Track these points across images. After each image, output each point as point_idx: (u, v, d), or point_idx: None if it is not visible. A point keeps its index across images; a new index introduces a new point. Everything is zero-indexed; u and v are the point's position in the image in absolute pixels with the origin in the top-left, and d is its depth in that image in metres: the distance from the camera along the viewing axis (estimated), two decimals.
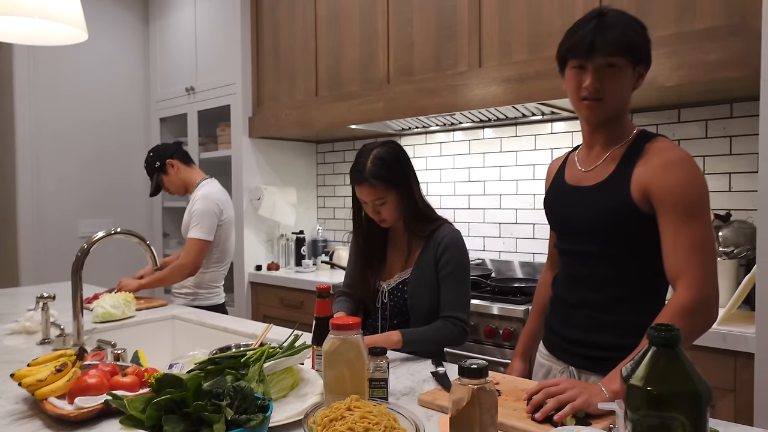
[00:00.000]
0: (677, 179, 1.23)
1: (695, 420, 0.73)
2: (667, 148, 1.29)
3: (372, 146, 1.71)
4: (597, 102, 1.29)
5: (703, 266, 1.20)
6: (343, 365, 1.10)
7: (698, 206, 1.22)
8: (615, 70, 1.27)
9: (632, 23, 1.30)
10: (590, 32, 1.27)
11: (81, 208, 4.09)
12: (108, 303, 2.02)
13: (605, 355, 1.28)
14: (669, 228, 1.23)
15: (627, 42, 1.26)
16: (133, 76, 4.38)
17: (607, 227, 1.32)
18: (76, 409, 1.08)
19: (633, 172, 1.29)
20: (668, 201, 1.23)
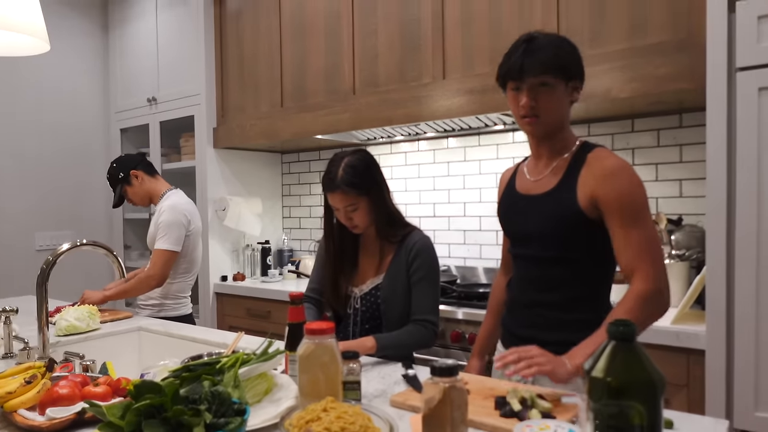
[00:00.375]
0: (620, 186, 1.35)
1: (650, 407, 0.78)
2: (606, 157, 1.41)
3: (343, 155, 1.75)
4: (534, 118, 1.41)
5: (654, 261, 1.34)
6: (318, 369, 1.12)
7: (641, 208, 1.36)
8: (547, 88, 1.38)
9: (561, 43, 1.42)
10: (521, 56, 1.39)
11: (38, 220, 3.98)
12: (72, 316, 1.99)
13: (557, 350, 1.35)
14: (619, 230, 1.35)
15: (556, 61, 1.38)
16: (93, 86, 4.31)
17: (556, 233, 1.43)
18: (48, 420, 1.08)
19: (578, 181, 1.41)
20: (615, 206, 1.35)
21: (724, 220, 1.80)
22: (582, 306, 1.45)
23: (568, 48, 1.42)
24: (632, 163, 2.58)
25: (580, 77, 1.44)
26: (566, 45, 1.43)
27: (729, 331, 1.79)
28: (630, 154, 2.60)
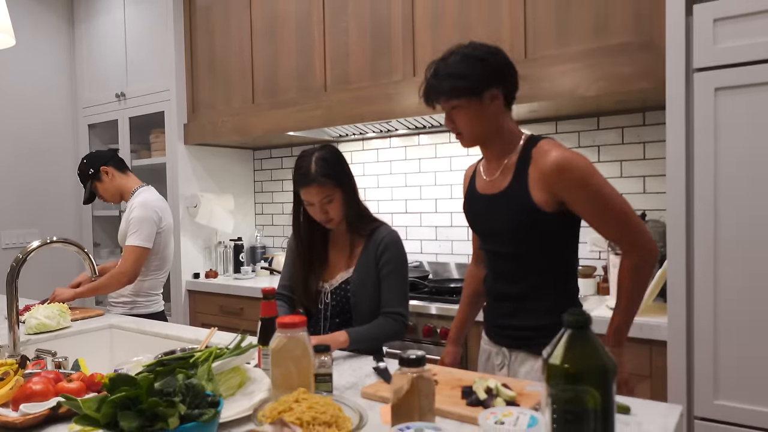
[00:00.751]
0: (574, 176, 1.41)
1: (603, 391, 0.83)
2: (549, 150, 1.46)
3: (311, 150, 1.77)
4: (459, 135, 1.53)
5: (634, 228, 1.44)
6: (290, 362, 1.15)
7: (600, 187, 1.43)
8: (459, 109, 1.47)
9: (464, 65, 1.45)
10: (427, 87, 1.50)
11: (4, 218, 3.91)
12: (42, 314, 1.97)
13: (525, 335, 1.50)
14: (591, 214, 1.44)
15: (457, 86, 1.44)
16: (59, 80, 4.23)
17: (513, 231, 1.52)
18: (22, 416, 1.08)
19: (528, 179, 1.48)
20: (579, 196, 1.43)
21: (683, 215, 1.87)
22: (548, 294, 1.54)
23: (473, 66, 1.45)
24: (597, 159, 2.67)
25: (497, 84, 1.48)
26: (475, 61, 1.46)
27: (689, 323, 1.86)
28: (596, 151, 2.68)
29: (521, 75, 2.30)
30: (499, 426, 0.97)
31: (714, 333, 1.82)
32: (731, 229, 1.78)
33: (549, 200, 1.45)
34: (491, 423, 0.98)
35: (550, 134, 2.78)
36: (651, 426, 1.09)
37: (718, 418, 1.81)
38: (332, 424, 0.98)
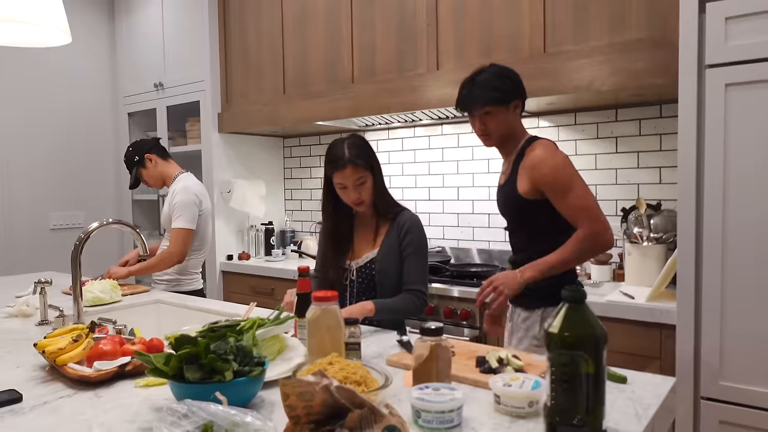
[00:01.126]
0: (546, 171, 1.78)
1: (595, 356, 0.97)
2: (533, 149, 1.83)
3: (341, 139, 1.92)
4: (486, 137, 1.90)
5: (591, 213, 1.77)
6: (324, 331, 1.31)
7: (567, 182, 1.78)
8: (491, 115, 1.84)
9: (495, 79, 1.84)
10: (466, 96, 1.87)
11: (52, 201, 4.17)
12: (96, 288, 2.17)
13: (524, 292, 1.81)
14: (559, 200, 1.79)
15: (492, 96, 1.82)
16: (101, 71, 4.45)
17: (511, 214, 1.95)
18: (96, 371, 1.26)
19: (518, 173, 1.86)
20: (549, 186, 1.79)
21: (693, 205, 1.97)
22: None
23: (505, 80, 1.85)
24: (615, 150, 2.76)
25: (519, 96, 1.88)
26: (503, 78, 1.85)
27: (697, 308, 1.96)
28: (613, 142, 2.77)
29: (540, 68, 2.44)
30: (506, 388, 1.12)
31: (720, 318, 1.91)
32: (739, 219, 1.87)
33: (530, 190, 1.82)
34: (500, 385, 1.13)
35: (569, 125, 2.89)
36: (644, 393, 1.21)
37: (723, 398, 1.92)
38: (361, 383, 1.13)
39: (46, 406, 1.18)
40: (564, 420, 0.98)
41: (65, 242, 4.19)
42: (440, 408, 1.02)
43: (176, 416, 0.83)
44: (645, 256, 2.50)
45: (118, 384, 1.29)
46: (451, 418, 1.03)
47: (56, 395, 1.23)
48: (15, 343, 1.67)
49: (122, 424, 1.07)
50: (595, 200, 1.82)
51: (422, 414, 1.03)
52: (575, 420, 0.97)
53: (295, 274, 3.25)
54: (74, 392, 1.25)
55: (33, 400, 1.21)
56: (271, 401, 1.18)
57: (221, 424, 0.82)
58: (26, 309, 1.98)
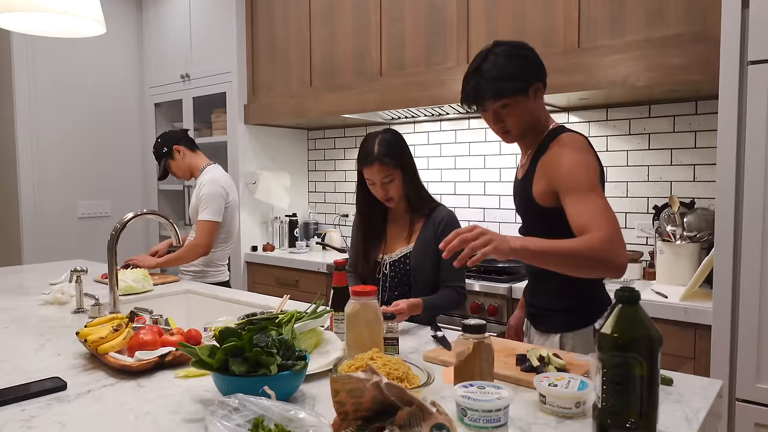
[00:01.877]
0: (564, 170, 1.45)
1: (650, 358, 0.94)
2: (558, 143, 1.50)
3: (375, 134, 1.92)
4: (506, 134, 1.58)
5: (608, 220, 1.38)
6: (363, 326, 1.30)
7: (588, 183, 1.43)
8: (509, 107, 1.51)
9: (507, 63, 1.48)
10: (473, 90, 1.51)
11: (80, 190, 4.22)
12: (129, 278, 2.19)
13: (536, 313, 1.65)
14: (570, 204, 1.43)
15: (506, 87, 1.48)
16: (128, 62, 4.48)
17: (527, 215, 1.66)
18: (137, 361, 1.27)
19: (535, 171, 1.54)
20: (563, 186, 1.46)
21: (732, 204, 1.93)
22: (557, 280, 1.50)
23: (516, 63, 1.50)
24: (648, 147, 2.71)
25: (539, 78, 1.54)
26: (516, 58, 1.50)
27: (734, 308, 1.93)
28: (646, 139, 2.72)
29: (574, 63, 2.40)
30: (552, 388, 1.10)
31: (759, 318, 1.88)
32: None
33: (546, 194, 1.51)
34: (546, 385, 1.11)
35: (600, 121, 2.84)
36: (691, 396, 1.19)
37: (759, 400, 1.89)
38: (403, 380, 1.12)
39: (90, 394, 1.18)
40: (616, 423, 0.96)
41: (92, 231, 4.24)
42: (487, 407, 1.01)
43: (227, 410, 0.83)
44: (678, 255, 2.46)
45: (158, 374, 1.30)
46: (498, 417, 1.02)
47: (99, 384, 1.24)
48: (53, 331, 1.69)
49: (166, 415, 1.08)
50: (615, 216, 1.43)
51: (468, 412, 1.02)
52: (628, 423, 0.95)
53: (319, 266, 3.27)
54: (116, 381, 1.25)
55: (77, 388, 1.22)
56: (312, 395, 1.18)
57: (274, 419, 0.81)
58: (61, 297, 2.00)
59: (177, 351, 1.31)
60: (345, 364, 1.19)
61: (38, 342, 1.58)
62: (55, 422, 1.05)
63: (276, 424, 0.82)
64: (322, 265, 3.27)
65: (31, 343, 1.57)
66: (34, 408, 1.12)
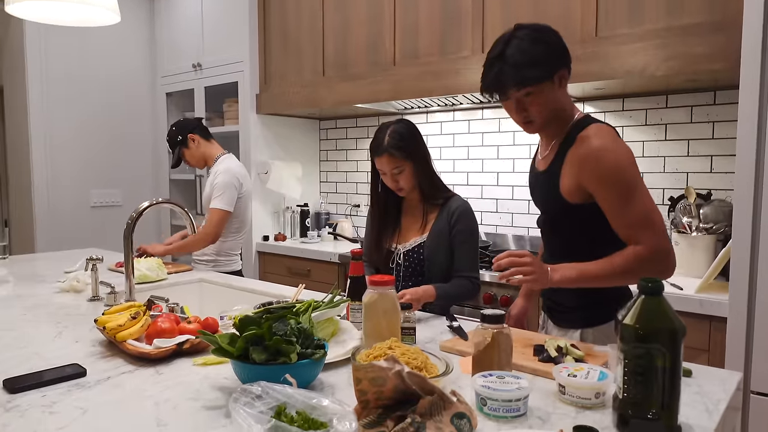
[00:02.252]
0: (604, 169, 1.38)
1: (672, 350, 0.94)
2: (591, 137, 1.42)
3: (389, 124, 1.91)
4: (529, 124, 1.50)
5: (656, 229, 1.37)
6: (381, 316, 1.30)
7: (632, 184, 1.38)
8: (532, 95, 1.43)
9: (531, 48, 1.41)
10: (495, 77, 1.43)
11: (92, 179, 4.24)
12: (144, 266, 2.20)
13: (555, 308, 1.62)
14: (614, 208, 1.40)
15: (530, 74, 1.40)
16: (139, 51, 4.48)
17: (547, 212, 1.62)
18: (156, 349, 1.27)
19: (563, 164, 1.47)
20: (604, 188, 1.40)
21: (751, 196, 1.90)
22: None
23: (543, 48, 1.43)
24: (665, 138, 2.68)
25: (564, 64, 1.47)
26: (540, 44, 1.42)
27: (750, 301, 1.91)
28: (663, 129, 2.69)
29: (592, 52, 2.37)
30: (572, 378, 1.09)
31: None
32: None
33: (574, 190, 1.45)
34: (565, 375, 1.10)
35: (616, 111, 2.81)
36: (711, 388, 1.18)
37: None
38: (422, 369, 1.12)
39: (109, 381, 1.19)
40: (637, 413, 0.96)
41: (104, 220, 4.27)
42: (507, 396, 1.01)
43: (250, 397, 0.83)
44: (693, 247, 2.44)
45: (176, 361, 1.30)
46: (517, 407, 1.02)
47: (118, 371, 1.25)
48: (70, 318, 1.70)
49: (186, 402, 1.08)
50: (661, 216, 1.41)
51: (488, 402, 1.02)
52: (649, 414, 0.95)
53: (331, 256, 3.27)
54: (135, 368, 1.26)
55: (96, 374, 1.22)
56: (330, 384, 1.18)
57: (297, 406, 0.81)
58: (77, 285, 2.02)
59: (195, 339, 1.31)
60: (363, 353, 1.19)
61: (56, 329, 1.59)
62: (77, 408, 1.06)
63: (298, 412, 0.82)
64: (333, 255, 3.27)
65: (49, 331, 1.58)
66: (55, 394, 1.12)
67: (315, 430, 0.76)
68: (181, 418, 1.02)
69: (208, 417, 1.02)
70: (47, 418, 1.02)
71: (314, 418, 0.79)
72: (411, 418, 0.87)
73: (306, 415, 0.78)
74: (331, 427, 0.75)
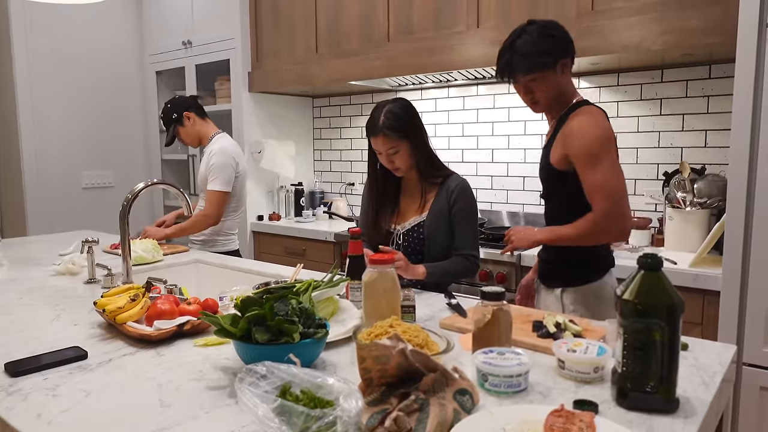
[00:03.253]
0: (580, 142, 1.65)
1: (671, 324, 0.95)
2: (575, 116, 1.68)
3: (384, 103, 1.89)
4: (535, 105, 1.77)
5: (608, 196, 1.63)
6: (381, 294, 1.30)
7: (598, 156, 1.63)
8: (538, 81, 1.70)
9: (539, 40, 1.67)
10: (507, 64, 1.71)
11: (84, 160, 4.19)
12: (140, 248, 2.19)
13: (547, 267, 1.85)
14: (583, 174, 1.66)
15: (538, 60, 1.67)
16: (127, 28, 4.40)
17: (542, 180, 1.84)
18: (156, 330, 1.28)
19: (555, 139, 1.73)
20: (577, 157, 1.66)
21: (745, 170, 1.91)
22: None
23: (547, 41, 1.68)
24: (660, 113, 2.68)
25: (567, 54, 1.72)
26: (546, 37, 1.68)
27: (743, 275, 1.93)
28: (658, 104, 2.69)
29: (588, 27, 2.35)
30: (571, 353, 1.10)
31: None
32: None
33: (561, 160, 1.70)
34: (564, 351, 1.11)
35: (611, 86, 2.80)
36: (707, 361, 1.20)
37: (766, 364, 1.91)
38: (423, 347, 1.12)
39: (111, 363, 1.19)
40: (636, 386, 0.97)
41: (96, 201, 4.24)
42: (508, 372, 1.02)
43: (255, 377, 0.83)
44: (687, 222, 2.45)
45: (177, 343, 1.30)
46: (518, 383, 1.03)
47: (119, 353, 1.25)
48: (68, 301, 1.70)
49: (189, 383, 1.09)
50: (622, 186, 1.67)
51: (489, 378, 1.03)
52: (648, 387, 0.96)
53: (327, 235, 3.27)
54: (136, 350, 1.26)
55: (97, 357, 1.23)
56: (332, 362, 1.19)
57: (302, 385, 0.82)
58: (72, 267, 2.01)
59: (195, 320, 1.32)
60: (364, 332, 1.20)
61: (53, 312, 1.59)
62: (80, 390, 1.06)
63: (303, 390, 0.83)
64: (329, 234, 3.27)
65: (47, 314, 1.57)
66: (57, 377, 1.13)
67: (321, 408, 0.76)
68: (185, 398, 1.02)
69: (211, 397, 1.02)
70: (51, 401, 1.02)
71: (320, 397, 0.79)
72: (415, 395, 0.88)
73: (312, 394, 0.79)
74: (337, 405, 0.76)
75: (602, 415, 0.94)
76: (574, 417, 0.85)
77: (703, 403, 1.00)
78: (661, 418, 0.94)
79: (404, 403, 0.86)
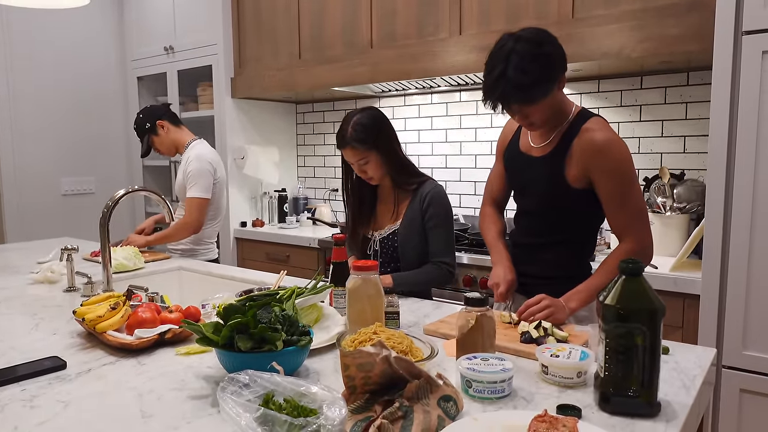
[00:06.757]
0: (610, 162, 1.53)
1: (652, 329, 0.96)
2: (598, 129, 1.56)
3: (353, 113, 1.90)
4: (532, 126, 1.61)
5: (644, 226, 1.57)
6: (365, 300, 1.30)
7: (631, 180, 1.55)
8: (535, 104, 1.51)
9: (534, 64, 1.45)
10: (501, 96, 1.49)
11: (63, 166, 4.13)
12: (120, 255, 2.16)
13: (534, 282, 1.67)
14: (612, 199, 1.55)
15: (535, 94, 1.48)
16: (107, 33, 4.35)
17: (545, 197, 1.67)
18: (137, 339, 1.26)
19: (568, 152, 1.58)
20: (607, 180, 1.54)
21: (723, 175, 1.94)
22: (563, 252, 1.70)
23: (544, 61, 1.48)
24: (639, 119, 2.72)
25: (564, 69, 1.55)
26: (542, 60, 1.47)
27: (722, 278, 1.96)
28: (638, 110, 2.73)
29: (568, 34, 2.38)
30: (554, 358, 1.11)
31: (746, 289, 1.91)
32: None
33: (579, 177, 1.58)
34: (548, 356, 1.12)
35: (591, 92, 2.84)
36: (687, 364, 1.21)
37: (745, 367, 1.94)
38: (407, 353, 1.12)
39: (91, 373, 1.17)
40: (618, 391, 0.98)
41: (76, 208, 4.18)
42: (492, 378, 1.02)
43: (238, 385, 0.82)
44: (667, 226, 2.49)
45: (158, 351, 1.29)
46: (502, 388, 1.03)
47: (99, 362, 1.23)
48: (46, 310, 1.67)
49: (171, 392, 1.07)
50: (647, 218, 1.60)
51: (473, 384, 1.03)
52: (630, 391, 0.97)
53: (310, 241, 3.26)
54: (116, 359, 1.24)
55: (77, 367, 1.21)
56: (315, 370, 1.18)
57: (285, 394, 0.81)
58: (51, 275, 1.98)
59: (177, 328, 1.30)
60: (348, 338, 1.20)
61: (32, 321, 1.56)
62: (58, 401, 1.04)
63: (286, 399, 0.82)
64: (313, 240, 3.26)
65: (25, 323, 1.55)
66: (35, 387, 1.10)
67: (305, 416, 0.76)
68: (167, 408, 1.01)
69: (194, 406, 1.01)
70: (28, 412, 1.00)
71: (303, 405, 0.79)
72: (399, 402, 0.87)
73: (295, 403, 0.78)
74: (321, 414, 0.75)
75: (585, 420, 0.94)
76: (558, 422, 0.86)
77: (684, 406, 1.01)
78: (643, 422, 0.95)
79: (388, 410, 0.86)
